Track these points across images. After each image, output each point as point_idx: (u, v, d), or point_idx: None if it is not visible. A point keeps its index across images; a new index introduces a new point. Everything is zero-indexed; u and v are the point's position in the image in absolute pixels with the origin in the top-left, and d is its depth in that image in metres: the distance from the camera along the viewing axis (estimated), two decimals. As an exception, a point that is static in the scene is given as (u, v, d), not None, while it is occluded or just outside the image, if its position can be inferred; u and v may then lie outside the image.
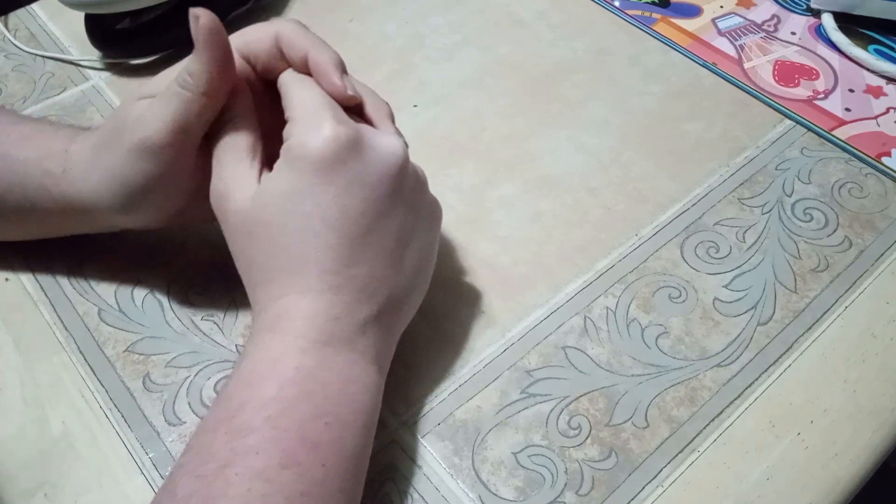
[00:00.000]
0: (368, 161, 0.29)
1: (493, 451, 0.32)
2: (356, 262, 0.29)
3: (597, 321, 0.36)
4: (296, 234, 0.28)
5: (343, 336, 0.28)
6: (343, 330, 0.28)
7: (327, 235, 0.28)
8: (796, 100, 0.47)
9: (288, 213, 0.28)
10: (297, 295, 0.28)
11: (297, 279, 0.28)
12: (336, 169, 0.28)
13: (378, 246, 0.29)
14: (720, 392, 0.34)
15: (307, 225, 0.28)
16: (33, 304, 0.37)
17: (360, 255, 0.29)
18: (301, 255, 0.28)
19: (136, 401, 0.34)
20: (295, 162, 0.28)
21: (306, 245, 0.28)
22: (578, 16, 0.53)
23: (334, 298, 0.28)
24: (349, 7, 0.53)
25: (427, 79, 0.48)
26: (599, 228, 0.40)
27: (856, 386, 0.34)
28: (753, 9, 0.53)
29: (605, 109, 0.47)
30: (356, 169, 0.28)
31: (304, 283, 0.28)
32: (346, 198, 0.28)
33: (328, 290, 0.28)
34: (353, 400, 0.28)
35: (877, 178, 0.43)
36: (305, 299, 0.28)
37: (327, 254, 0.28)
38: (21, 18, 0.53)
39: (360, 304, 0.29)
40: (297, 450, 0.25)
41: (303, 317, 0.28)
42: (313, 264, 0.28)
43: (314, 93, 0.30)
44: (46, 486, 0.31)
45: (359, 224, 0.28)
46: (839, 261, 0.39)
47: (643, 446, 0.32)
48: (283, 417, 0.26)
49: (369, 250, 0.29)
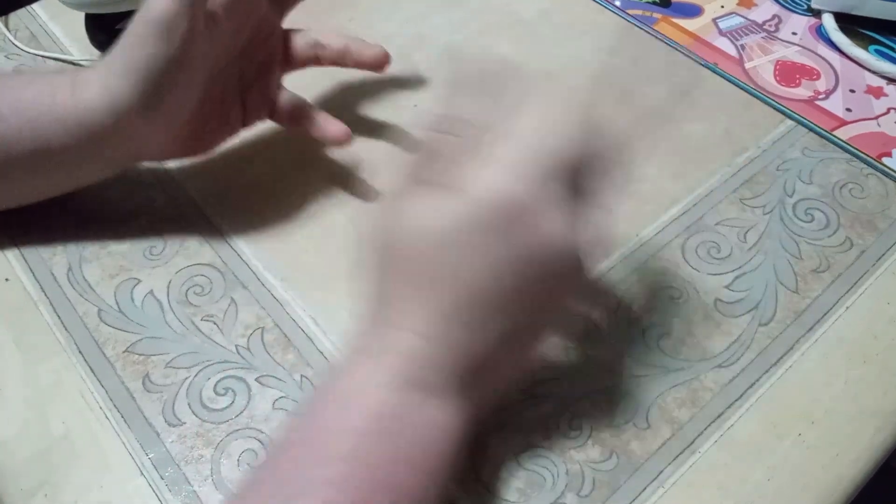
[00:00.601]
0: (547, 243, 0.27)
1: (493, 451, 0.32)
2: (477, 327, 0.27)
3: (598, 321, 0.36)
4: (438, 266, 0.27)
5: (436, 385, 0.27)
6: (437, 379, 0.27)
7: (463, 284, 0.27)
8: (797, 100, 0.47)
9: (439, 248, 0.27)
10: (410, 332, 0.27)
11: (415, 319, 0.27)
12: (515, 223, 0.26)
13: (503, 326, 0.28)
14: (721, 393, 0.34)
15: (451, 270, 0.27)
16: (33, 304, 0.37)
17: (483, 324, 0.27)
18: (430, 296, 0.27)
19: (135, 401, 0.34)
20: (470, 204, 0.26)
21: (438, 283, 0.27)
22: (579, 16, 0.53)
23: (431, 347, 0.27)
24: (349, 7, 0.53)
25: (427, 79, 0.48)
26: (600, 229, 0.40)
27: (857, 386, 0.34)
28: (754, 9, 0.53)
29: (606, 110, 0.46)
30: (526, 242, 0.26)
31: (412, 319, 0.27)
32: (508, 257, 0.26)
33: (429, 338, 0.27)
34: (435, 452, 0.27)
35: (878, 179, 0.42)
36: (405, 337, 0.27)
37: (452, 301, 0.27)
38: (21, 18, 0.53)
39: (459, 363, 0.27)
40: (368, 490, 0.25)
41: (401, 353, 0.27)
42: (433, 304, 0.27)
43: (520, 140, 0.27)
44: (46, 486, 0.31)
45: (501, 296, 0.27)
46: (840, 261, 0.39)
47: (644, 447, 0.32)
48: (362, 453, 0.25)
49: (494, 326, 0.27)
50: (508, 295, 0.27)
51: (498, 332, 0.28)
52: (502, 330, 0.28)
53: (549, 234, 0.27)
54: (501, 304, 0.27)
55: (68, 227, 0.39)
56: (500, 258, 0.26)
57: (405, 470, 0.26)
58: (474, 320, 0.27)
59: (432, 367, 0.27)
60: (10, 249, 0.39)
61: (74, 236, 0.39)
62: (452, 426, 0.28)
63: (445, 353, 0.27)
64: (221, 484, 0.31)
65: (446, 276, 0.27)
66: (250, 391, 0.34)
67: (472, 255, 0.26)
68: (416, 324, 0.27)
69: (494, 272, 0.27)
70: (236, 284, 0.38)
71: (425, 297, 0.27)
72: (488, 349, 0.28)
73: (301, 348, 0.35)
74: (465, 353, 0.27)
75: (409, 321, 0.27)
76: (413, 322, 0.27)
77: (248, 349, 0.35)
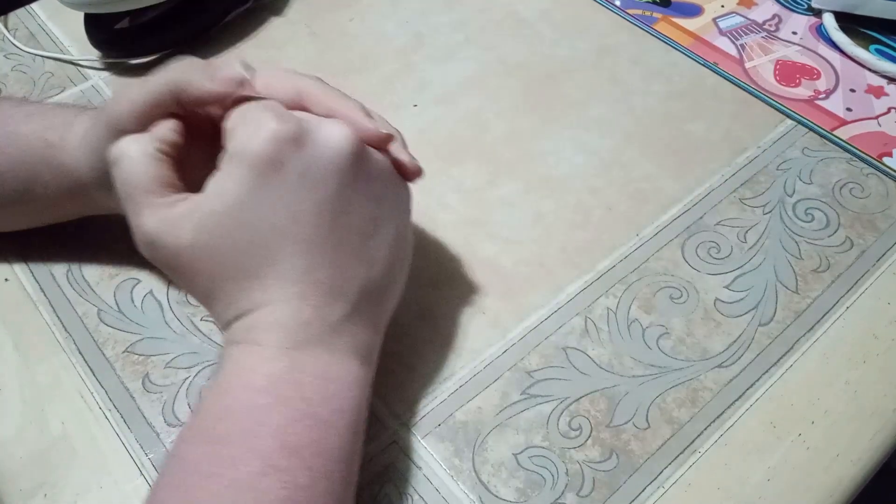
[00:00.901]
0: (313, 156, 0.27)
1: (493, 452, 0.32)
2: (318, 265, 0.27)
3: (598, 322, 0.36)
4: (246, 249, 0.27)
5: (316, 339, 0.27)
6: (315, 333, 0.27)
7: (280, 243, 0.27)
8: (797, 99, 0.46)
9: (233, 229, 0.27)
10: (262, 309, 0.27)
11: (258, 295, 0.27)
12: (278, 170, 0.26)
13: (340, 244, 0.28)
14: (721, 393, 0.34)
15: (256, 237, 0.27)
16: (33, 304, 0.37)
17: (321, 257, 0.27)
18: (257, 271, 0.27)
19: (135, 401, 0.34)
20: (234, 169, 0.27)
21: (260, 259, 0.27)
22: (580, 15, 0.53)
23: (301, 304, 0.27)
24: (349, 7, 0.53)
25: (428, 79, 0.48)
26: (601, 229, 0.40)
27: (857, 387, 0.34)
28: (754, 8, 0.53)
29: (607, 109, 0.46)
30: (300, 167, 0.27)
31: (265, 297, 0.27)
32: (294, 200, 0.27)
33: (293, 298, 0.27)
34: (334, 399, 0.27)
35: (878, 179, 0.42)
36: (270, 311, 0.27)
37: (284, 263, 0.27)
38: (21, 18, 0.53)
39: (330, 306, 0.28)
40: (276, 456, 0.25)
41: (270, 327, 0.27)
42: (272, 277, 0.27)
43: (255, 103, 0.28)
44: (46, 486, 0.31)
45: (313, 226, 0.27)
46: (840, 261, 0.39)
47: (644, 447, 0.32)
48: (259, 425, 0.25)
49: (331, 251, 0.28)
50: (320, 215, 0.27)
51: (339, 254, 0.28)
52: (343, 249, 0.28)
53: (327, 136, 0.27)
54: (317, 228, 0.27)
55: (68, 227, 0.39)
56: (286, 194, 0.27)
57: (314, 426, 0.26)
58: (306, 261, 0.27)
59: (301, 324, 0.27)
60: (10, 250, 0.39)
61: (74, 236, 0.39)
62: (349, 374, 0.28)
63: (305, 305, 0.27)
64: (221, 484, 0.31)
65: (254, 242, 0.27)
66: (250, 391, 0.34)
67: (269, 191, 0.26)
68: (260, 300, 0.27)
69: (290, 208, 0.27)
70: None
71: (252, 274, 0.27)
72: (343, 275, 0.28)
73: (301, 348, 0.35)
74: (325, 292, 0.27)
75: (253, 302, 0.27)
76: (257, 300, 0.27)
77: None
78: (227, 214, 0.27)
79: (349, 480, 0.28)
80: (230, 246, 0.27)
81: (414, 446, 0.32)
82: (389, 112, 0.33)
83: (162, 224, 0.27)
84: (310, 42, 0.50)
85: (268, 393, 0.26)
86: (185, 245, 0.27)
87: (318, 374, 0.27)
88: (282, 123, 0.27)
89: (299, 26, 0.51)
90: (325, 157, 0.27)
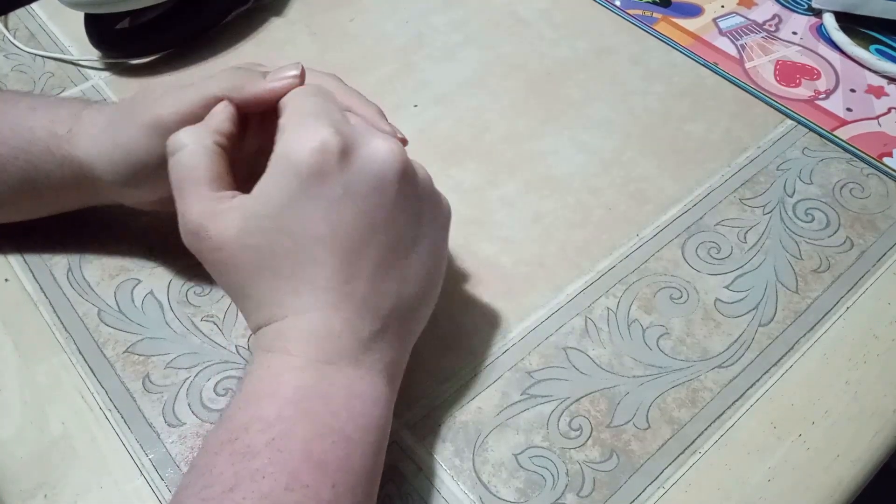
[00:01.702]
0: (359, 170, 0.27)
1: (493, 452, 0.32)
2: (353, 277, 0.27)
3: (598, 322, 0.36)
4: (285, 254, 0.27)
5: (345, 352, 0.27)
6: (345, 346, 0.27)
7: (318, 253, 0.27)
8: (798, 100, 0.46)
9: (275, 233, 0.27)
10: (294, 316, 0.27)
11: (292, 300, 0.27)
12: (324, 181, 0.27)
13: (377, 259, 0.28)
14: (721, 393, 0.34)
15: (296, 244, 0.27)
16: (33, 304, 0.37)
17: (357, 270, 0.27)
18: (293, 276, 0.27)
19: (135, 402, 0.34)
20: (280, 176, 0.27)
21: (297, 265, 0.27)
22: (580, 15, 0.53)
23: (333, 316, 0.27)
24: (349, 7, 0.53)
25: (428, 78, 0.48)
26: (601, 229, 0.40)
27: (857, 387, 0.34)
28: (755, 8, 0.53)
29: (607, 109, 0.46)
30: (346, 180, 0.27)
31: (298, 303, 0.27)
32: (336, 212, 0.27)
33: (326, 308, 0.27)
34: (360, 416, 0.27)
35: (878, 179, 0.42)
36: (302, 319, 0.27)
37: (320, 272, 0.27)
38: (21, 18, 0.53)
39: (362, 320, 0.28)
40: (302, 471, 0.25)
41: (300, 336, 0.27)
42: (307, 284, 0.27)
43: (311, 101, 0.29)
44: (46, 486, 0.31)
45: (352, 238, 0.27)
46: (841, 261, 0.39)
47: (644, 448, 0.32)
48: (286, 439, 0.25)
49: (368, 264, 0.28)
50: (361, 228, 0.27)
51: (376, 268, 0.28)
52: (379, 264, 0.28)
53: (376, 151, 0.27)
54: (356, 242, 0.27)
55: (68, 227, 0.39)
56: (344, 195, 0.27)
57: (340, 443, 0.26)
58: (342, 272, 0.27)
59: (332, 335, 0.27)
60: (10, 250, 0.39)
61: (74, 236, 0.39)
62: (375, 391, 0.28)
63: (337, 317, 0.27)
64: (221, 484, 0.31)
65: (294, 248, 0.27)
66: (250, 392, 0.34)
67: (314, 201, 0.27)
68: (293, 306, 0.27)
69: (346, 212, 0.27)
70: (236, 285, 0.38)
71: (289, 278, 0.27)
72: (377, 290, 0.28)
73: (301, 349, 0.35)
74: (358, 305, 0.27)
75: (287, 307, 0.27)
76: (291, 306, 0.27)
77: (248, 349, 0.35)
78: (270, 218, 0.27)
79: (371, 496, 0.27)
80: (269, 249, 0.27)
81: (414, 447, 0.32)
82: (389, 112, 0.33)
83: (209, 216, 0.28)
84: (310, 42, 0.50)
85: (295, 405, 0.26)
86: (227, 239, 0.27)
87: (346, 389, 0.27)
88: (332, 134, 0.27)
89: (299, 26, 0.51)
90: (371, 172, 0.27)
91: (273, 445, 0.25)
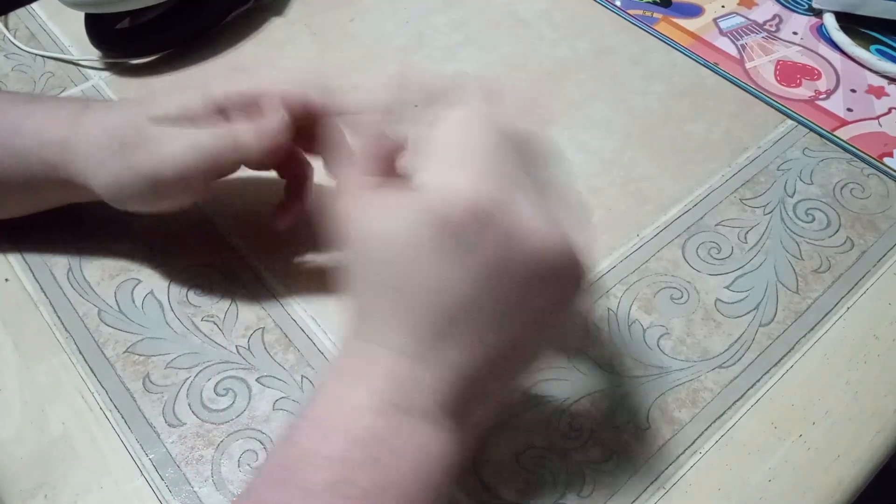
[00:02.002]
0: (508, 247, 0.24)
1: (494, 452, 0.32)
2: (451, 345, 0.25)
3: (598, 322, 0.36)
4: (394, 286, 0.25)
5: (424, 408, 0.25)
6: (426, 401, 0.25)
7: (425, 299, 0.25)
8: (798, 100, 0.46)
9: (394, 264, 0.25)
10: (383, 348, 0.25)
11: (393, 336, 0.25)
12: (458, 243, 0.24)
13: (496, 339, 0.25)
14: (722, 393, 0.34)
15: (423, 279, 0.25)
16: (33, 304, 0.37)
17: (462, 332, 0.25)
18: (406, 310, 0.25)
19: (135, 402, 0.34)
20: (411, 214, 0.25)
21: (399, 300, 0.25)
22: (580, 15, 0.53)
23: (421, 367, 0.25)
24: (349, 7, 0.53)
25: (428, 79, 0.48)
26: (601, 229, 0.40)
27: (858, 387, 0.34)
28: (755, 8, 0.53)
29: (607, 109, 0.46)
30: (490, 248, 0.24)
31: (390, 339, 0.25)
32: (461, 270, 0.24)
33: (415, 357, 0.25)
34: (425, 475, 0.25)
35: (879, 179, 0.42)
36: (388, 356, 0.25)
37: (424, 320, 0.25)
38: (21, 18, 0.53)
39: (447, 383, 0.25)
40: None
41: (383, 373, 0.25)
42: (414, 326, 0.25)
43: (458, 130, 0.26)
44: (46, 486, 0.31)
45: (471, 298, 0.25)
46: (841, 261, 0.39)
47: (644, 448, 0.32)
48: (347, 485, 0.24)
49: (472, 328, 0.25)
50: (497, 305, 0.25)
51: (489, 349, 0.25)
52: (495, 347, 0.25)
53: (532, 232, 0.24)
54: (490, 316, 0.25)
55: (68, 227, 0.39)
56: (479, 264, 0.24)
57: (400, 498, 0.24)
58: (459, 336, 0.25)
59: (416, 389, 0.25)
60: (10, 250, 0.39)
61: (74, 236, 0.39)
62: (443, 452, 0.26)
63: (429, 374, 0.25)
64: (222, 485, 0.31)
65: (419, 286, 0.25)
66: (251, 392, 0.34)
67: (443, 259, 0.24)
68: (395, 341, 0.25)
69: (474, 282, 0.24)
70: (237, 285, 0.38)
71: (402, 310, 0.25)
72: (479, 368, 0.25)
73: (302, 348, 0.35)
74: (452, 374, 0.25)
75: (388, 338, 0.25)
76: (392, 339, 0.25)
77: (248, 349, 0.35)
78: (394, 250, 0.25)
79: None
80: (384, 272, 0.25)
81: (414, 447, 0.32)
82: (390, 112, 0.33)
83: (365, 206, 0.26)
84: (310, 42, 0.50)
85: (364, 448, 0.24)
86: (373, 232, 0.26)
87: (416, 444, 0.25)
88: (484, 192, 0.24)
89: (299, 26, 0.51)
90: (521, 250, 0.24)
91: (333, 488, 0.23)
